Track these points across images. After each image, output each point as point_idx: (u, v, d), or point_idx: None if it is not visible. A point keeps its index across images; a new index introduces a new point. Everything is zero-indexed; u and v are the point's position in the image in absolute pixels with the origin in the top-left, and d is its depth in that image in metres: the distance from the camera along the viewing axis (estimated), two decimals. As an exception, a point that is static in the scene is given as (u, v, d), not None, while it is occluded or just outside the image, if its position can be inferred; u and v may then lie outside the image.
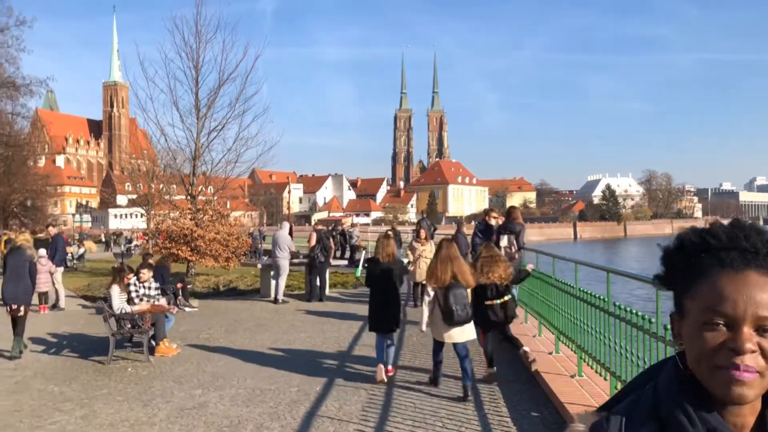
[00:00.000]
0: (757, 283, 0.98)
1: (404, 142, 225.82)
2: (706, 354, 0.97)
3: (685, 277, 1.05)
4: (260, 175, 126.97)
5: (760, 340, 0.95)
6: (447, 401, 6.80)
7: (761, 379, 0.96)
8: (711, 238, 1.03)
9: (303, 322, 12.21)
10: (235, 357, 9.15)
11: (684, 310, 1.04)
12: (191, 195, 22.14)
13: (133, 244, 42.38)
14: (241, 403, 6.82)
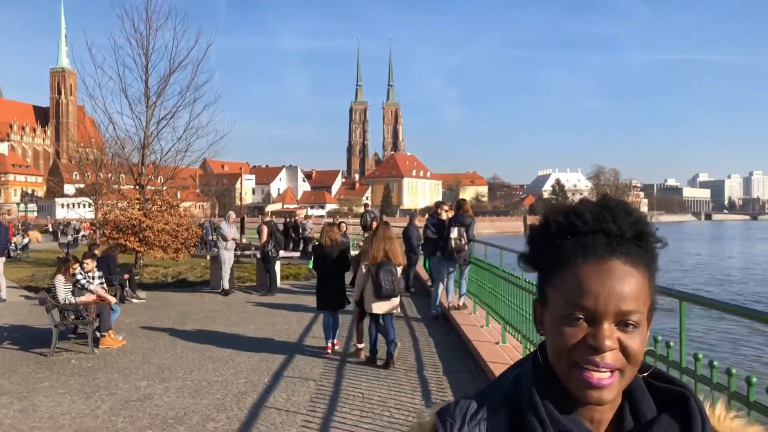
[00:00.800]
0: (621, 274, 0.91)
1: (360, 134, 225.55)
2: (565, 350, 0.91)
3: (549, 262, 0.97)
4: (212, 165, 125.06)
5: (621, 336, 0.90)
6: (396, 392, 6.86)
7: (621, 378, 0.91)
8: (577, 220, 0.95)
9: (253, 314, 12.13)
10: (182, 349, 9.03)
11: (546, 299, 0.97)
12: (140, 185, 21.72)
13: (81, 234, 41.37)
14: (188, 395, 6.75)
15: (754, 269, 38.69)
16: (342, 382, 7.24)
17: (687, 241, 78.71)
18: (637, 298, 0.91)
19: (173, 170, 23.30)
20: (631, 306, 0.90)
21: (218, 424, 5.83)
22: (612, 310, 0.89)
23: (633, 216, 0.96)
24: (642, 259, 0.94)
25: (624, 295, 0.90)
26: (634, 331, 0.90)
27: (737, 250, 61.33)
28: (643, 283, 0.92)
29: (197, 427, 5.75)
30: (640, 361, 0.93)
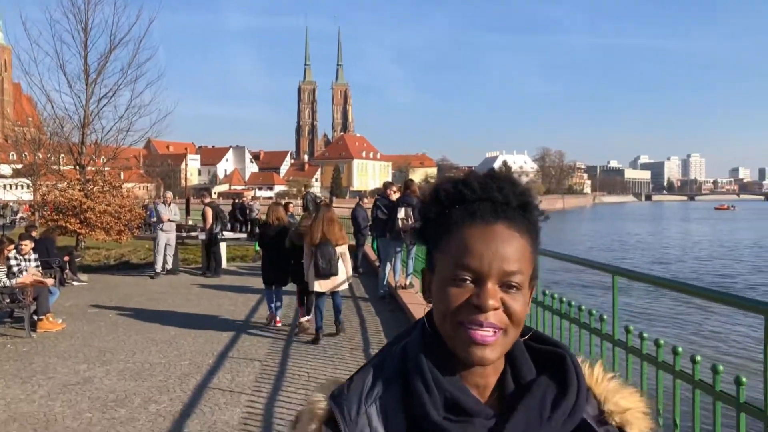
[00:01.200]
0: (505, 236, 0.94)
1: (308, 115, 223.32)
2: (451, 311, 0.93)
3: (438, 229, 0.99)
4: (156, 145, 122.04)
5: (504, 296, 0.92)
6: (341, 370, 6.90)
7: (504, 338, 0.93)
8: (465, 189, 0.98)
9: (198, 296, 11.98)
10: (124, 331, 8.86)
11: (434, 265, 0.99)
12: (80, 165, 21.06)
13: (19, 216, 39.99)
14: (129, 378, 6.64)
15: (691, 248, 40.12)
16: (288, 362, 7.23)
17: (629, 222, 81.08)
18: (520, 260, 0.93)
19: (115, 150, 22.67)
20: (514, 267, 0.92)
21: (160, 405, 5.76)
22: (496, 270, 0.92)
23: (519, 187, 0.99)
24: (525, 226, 0.97)
25: (507, 257, 0.92)
26: (517, 293, 0.93)
27: (675, 230, 63.47)
28: (526, 248, 0.95)
29: (139, 409, 5.67)
30: (522, 322, 0.95)
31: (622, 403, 1.00)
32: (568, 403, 0.95)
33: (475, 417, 0.93)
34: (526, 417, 0.93)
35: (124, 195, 20.81)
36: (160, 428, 5.19)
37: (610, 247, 41.36)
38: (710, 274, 26.30)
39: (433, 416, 0.91)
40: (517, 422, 0.93)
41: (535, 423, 0.93)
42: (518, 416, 0.93)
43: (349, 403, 0.95)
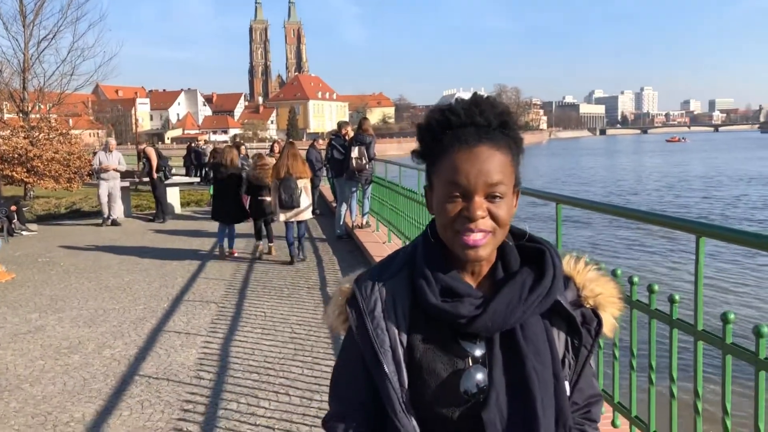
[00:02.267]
0: (487, 156, 1.12)
1: (261, 55, 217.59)
2: (448, 222, 1.13)
3: (433, 153, 1.17)
4: (105, 90, 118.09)
5: (490, 206, 1.12)
6: (298, 309, 6.95)
7: (493, 238, 1.14)
8: (451, 115, 1.15)
9: (152, 242, 11.83)
10: (77, 279, 8.73)
11: (432, 185, 1.18)
12: (23, 112, 20.29)
13: (-39, 168, 38.55)
14: (83, 324, 6.57)
15: (645, 181, 41.04)
16: (244, 303, 7.24)
17: (584, 156, 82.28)
18: (501, 174, 1.12)
19: (60, 96, 21.84)
20: (495, 180, 1.11)
21: (115, 350, 5.73)
22: (480, 186, 1.11)
23: (498, 109, 1.16)
24: (506, 143, 1.15)
25: (489, 173, 1.11)
26: (501, 201, 1.13)
27: (628, 163, 64.70)
28: (506, 162, 1.14)
29: (93, 354, 5.64)
30: (507, 225, 1.16)
31: (596, 289, 1.22)
32: (543, 287, 1.15)
33: (465, 297, 1.15)
34: (508, 297, 1.14)
35: (72, 142, 20.19)
36: (114, 372, 5.17)
37: (569, 181, 42.03)
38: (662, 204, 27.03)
39: (431, 300, 1.15)
40: (499, 300, 1.14)
41: (515, 301, 1.14)
42: (501, 296, 1.15)
43: (365, 284, 1.21)
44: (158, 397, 4.62)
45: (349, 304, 1.22)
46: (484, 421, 1.12)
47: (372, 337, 1.16)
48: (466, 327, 1.14)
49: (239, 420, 4.20)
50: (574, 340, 1.21)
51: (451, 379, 1.15)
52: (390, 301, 1.18)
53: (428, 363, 1.16)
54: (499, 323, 1.14)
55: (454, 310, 1.13)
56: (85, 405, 4.54)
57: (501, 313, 1.13)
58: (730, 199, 27.15)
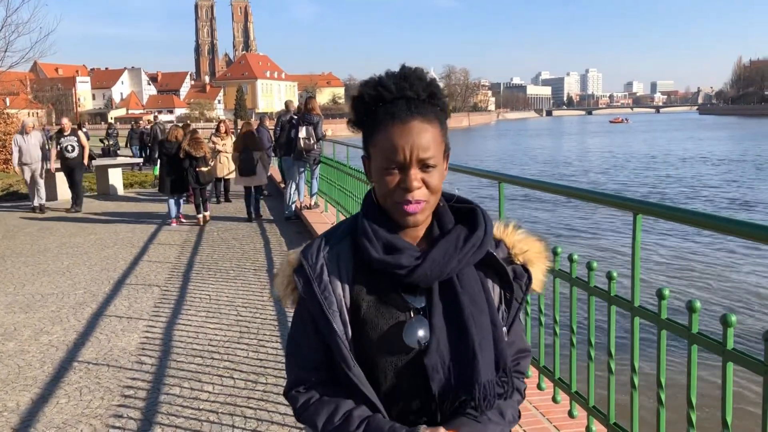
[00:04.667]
0: (419, 130, 1.20)
1: (207, 33, 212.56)
2: (387, 192, 1.22)
3: (368, 125, 1.25)
4: (44, 68, 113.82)
5: (424, 176, 1.21)
6: (244, 291, 6.85)
7: (428, 204, 1.24)
8: (384, 90, 1.22)
9: (94, 224, 11.49)
10: (13, 263, 8.42)
11: (370, 155, 1.26)
12: (-47, 89, 19.39)
13: None
14: (18, 310, 6.34)
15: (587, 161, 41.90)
16: (188, 286, 7.11)
17: (531, 137, 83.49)
18: (433, 146, 1.21)
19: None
20: (428, 153, 1.20)
21: (53, 336, 5.55)
22: (414, 159, 1.20)
23: (425, 81, 1.24)
24: (435, 114, 1.24)
25: (422, 146, 1.20)
26: (433, 170, 1.22)
27: (573, 144, 65.93)
28: (437, 133, 1.23)
29: (29, 341, 5.45)
30: (440, 189, 1.25)
31: (524, 247, 1.34)
32: (477, 238, 1.26)
33: (405, 250, 1.23)
34: (444, 248, 1.24)
35: (9, 122, 19.42)
36: (52, 359, 5.01)
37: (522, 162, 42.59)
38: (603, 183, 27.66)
39: (374, 254, 1.23)
40: (436, 251, 1.24)
41: (451, 251, 1.24)
42: (438, 247, 1.25)
43: (311, 252, 1.29)
44: (98, 384, 4.50)
45: (296, 272, 1.28)
46: (426, 366, 1.21)
47: (320, 300, 1.24)
48: (407, 278, 1.22)
49: (182, 405, 4.12)
50: (507, 293, 1.32)
51: (394, 331, 1.24)
52: (335, 265, 1.26)
53: (372, 318, 1.24)
54: (437, 272, 1.23)
55: (395, 261, 1.22)
56: (19, 393, 4.38)
57: (438, 262, 1.22)
58: (671, 179, 27.97)
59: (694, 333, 2.27)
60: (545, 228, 15.78)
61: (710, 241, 13.31)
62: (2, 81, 23.25)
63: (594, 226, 16.01)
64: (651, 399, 2.75)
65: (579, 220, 16.92)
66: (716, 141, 58.05)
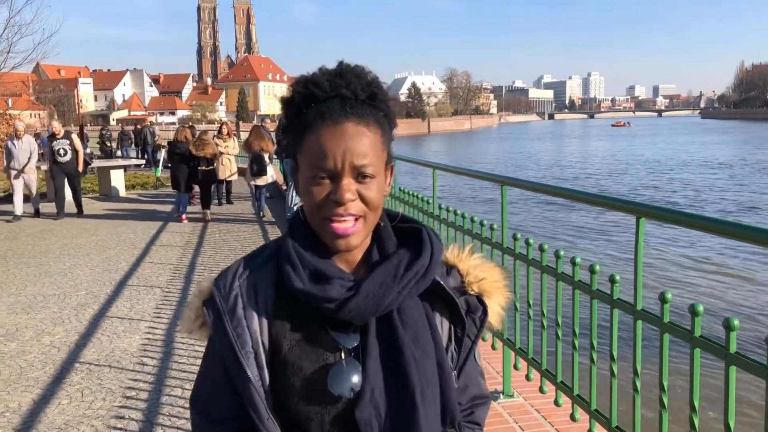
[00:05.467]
0: (354, 133, 1.02)
1: (210, 35, 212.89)
2: (315, 207, 1.03)
3: (297, 131, 1.07)
4: (46, 69, 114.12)
5: (360, 188, 1.02)
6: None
7: (364, 223, 1.04)
8: (315, 88, 1.04)
9: (96, 225, 11.50)
10: (15, 264, 8.43)
11: (298, 163, 1.07)
12: (-44, 90, 19.43)
13: None
14: (20, 311, 6.35)
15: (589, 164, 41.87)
16: (190, 288, 7.11)
17: (533, 140, 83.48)
18: (370, 153, 1.02)
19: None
20: (364, 161, 1.01)
21: (54, 337, 5.55)
22: (348, 166, 1.01)
23: (366, 79, 1.05)
24: (375, 118, 1.05)
25: (357, 152, 1.01)
26: (371, 181, 1.03)
27: (575, 148, 65.92)
28: (376, 139, 1.04)
29: (31, 341, 5.45)
30: (380, 207, 1.06)
31: (480, 275, 1.15)
32: (421, 265, 1.07)
33: (335, 280, 1.04)
34: (381, 276, 1.05)
35: (11, 123, 19.42)
36: (53, 360, 5.01)
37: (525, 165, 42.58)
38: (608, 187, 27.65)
39: (297, 284, 1.03)
40: (372, 281, 1.04)
41: (389, 281, 1.05)
42: (374, 276, 1.05)
43: (224, 280, 1.08)
44: (99, 385, 4.50)
45: (205, 304, 1.08)
46: (357, 421, 1.01)
47: (232, 338, 1.04)
48: (337, 312, 1.03)
49: (184, 406, 4.12)
50: (457, 330, 1.13)
51: (319, 376, 1.03)
52: (251, 296, 1.06)
53: (295, 360, 1.04)
54: (372, 306, 1.03)
55: (322, 294, 1.03)
56: (21, 394, 4.38)
57: (374, 294, 1.03)
58: (674, 182, 27.95)
59: (696, 336, 2.26)
60: (547, 231, 15.78)
61: (714, 244, 13.29)
62: (5, 82, 23.28)
63: (597, 229, 16.01)
64: (653, 402, 2.75)
65: (582, 223, 16.92)
66: (719, 145, 58.02)
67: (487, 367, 4.21)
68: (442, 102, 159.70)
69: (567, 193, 3.34)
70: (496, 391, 3.84)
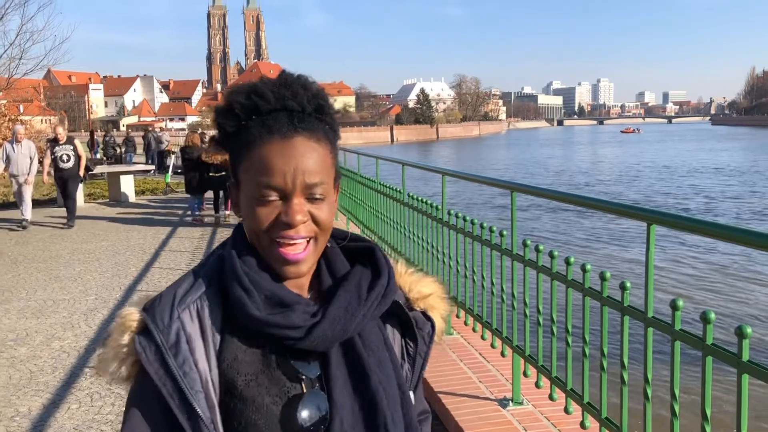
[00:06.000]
0: (304, 149, 0.95)
1: (219, 41, 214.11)
2: (260, 230, 0.95)
3: (238, 144, 0.98)
4: (57, 76, 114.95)
5: (311, 208, 0.96)
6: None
7: (314, 246, 0.98)
8: (259, 100, 0.96)
9: (105, 230, 11.55)
10: (25, 269, 8.48)
11: (239, 181, 0.99)
12: (-31, 96, 19.61)
13: None
14: (30, 316, 6.38)
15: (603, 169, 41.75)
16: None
17: (542, 147, 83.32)
18: (322, 171, 0.96)
19: (8, 80, 21.17)
20: (316, 179, 0.95)
21: (64, 342, 5.58)
22: (300, 186, 0.94)
23: (312, 90, 0.99)
24: (324, 132, 0.99)
25: (309, 170, 0.95)
26: (322, 202, 0.97)
27: (585, 154, 65.73)
28: (326, 156, 0.98)
29: (41, 346, 5.48)
30: (330, 228, 1.00)
31: (423, 290, 1.13)
32: (381, 285, 1.02)
33: (295, 305, 0.96)
34: (346, 299, 0.99)
35: (22, 128, 19.54)
36: (63, 364, 5.03)
37: (530, 170, 42.50)
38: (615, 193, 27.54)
39: (256, 314, 0.94)
40: (337, 304, 0.98)
41: (354, 303, 0.99)
42: (338, 299, 0.98)
43: (161, 311, 0.94)
44: (109, 390, 4.51)
45: (140, 340, 0.93)
46: None
47: (178, 378, 0.91)
48: (302, 341, 0.95)
49: (192, 412, 4.12)
50: (409, 347, 1.10)
51: (285, 412, 0.95)
52: (196, 328, 0.94)
53: (253, 397, 0.94)
54: (340, 332, 0.97)
55: (286, 322, 0.94)
56: (31, 399, 4.40)
57: (341, 318, 0.97)
58: (686, 189, 27.81)
59: (708, 344, 2.24)
60: (558, 237, 15.73)
61: (726, 252, 13.20)
62: (16, 88, 23.45)
63: (607, 235, 15.94)
64: (664, 410, 2.73)
65: (592, 229, 16.86)
66: (731, 151, 57.72)
67: (496, 375, 4.20)
68: (451, 108, 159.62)
69: (577, 199, 3.32)
70: (505, 399, 3.82)
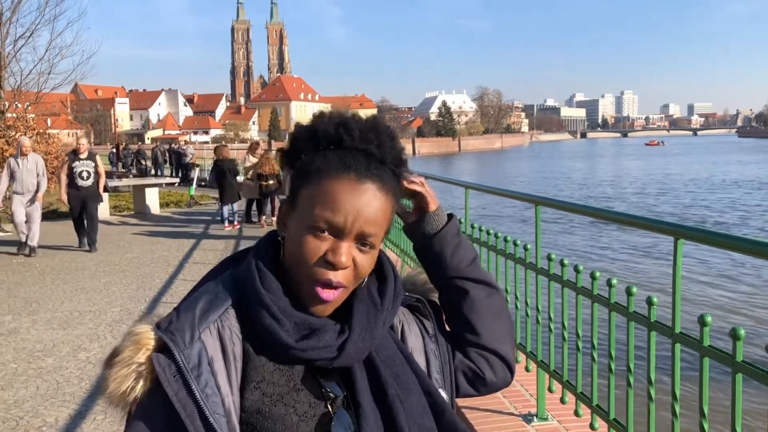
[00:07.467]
0: (372, 196, 0.95)
1: (243, 55, 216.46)
2: (305, 261, 0.94)
3: (309, 166, 0.98)
4: (84, 90, 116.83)
5: (357, 255, 0.95)
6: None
7: (344, 293, 0.97)
8: (345, 134, 0.97)
9: (130, 243, 11.69)
10: (52, 281, 8.60)
11: (297, 202, 0.98)
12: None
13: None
14: (57, 327, 6.46)
15: (625, 184, 41.39)
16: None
17: (565, 159, 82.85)
18: (381, 222, 0.96)
19: (37, 95, 21.56)
20: (373, 229, 0.95)
21: (90, 353, 5.64)
22: (356, 230, 0.94)
23: (398, 144, 1.01)
24: (392, 185, 0.99)
25: (369, 218, 0.94)
26: (370, 251, 0.97)
27: (608, 167, 65.21)
28: (389, 208, 0.98)
29: (67, 357, 5.54)
30: (365, 277, 1.00)
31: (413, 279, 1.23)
32: (391, 288, 1.03)
33: (323, 328, 0.96)
34: (364, 309, 0.99)
35: (50, 142, 19.94)
36: (89, 375, 5.09)
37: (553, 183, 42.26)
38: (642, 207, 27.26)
39: (290, 342, 0.93)
40: (359, 316, 0.98)
41: (372, 311, 0.99)
42: (357, 311, 0.98)
43: (181, 330, 0.91)
44: (133, 401, 4.54)
45: (158, 358, 0.88)
46: None
47: (201, 400, 0.87)
48: (336, 360, 0.95)
49: (216, 424, 4.14)
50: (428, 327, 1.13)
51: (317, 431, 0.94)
52: (218, 349, 0.92)
53: (282, 416, 0.92)
54: (368, 341, 0.98)
55: (320, 344, 0.94)
56: (58, 409, 4.45)
57: (366, 329, 0.98)
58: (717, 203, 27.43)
59: (738, 361, 2.21)
60: (583, 252, 15.58)
61: (756, 267, 12.98)
62: (45, 102, 23.85)
63: (633, 250, 15.75)
64: (692, 425, 2.68)
65: (618, 244, 16.67)
66: (760, 164, 56.81)
67: (520, 389, 4.16)
68: (473, 120, 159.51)
69: (602, 213, 3.30)
70: (529, 414, 3.78)
